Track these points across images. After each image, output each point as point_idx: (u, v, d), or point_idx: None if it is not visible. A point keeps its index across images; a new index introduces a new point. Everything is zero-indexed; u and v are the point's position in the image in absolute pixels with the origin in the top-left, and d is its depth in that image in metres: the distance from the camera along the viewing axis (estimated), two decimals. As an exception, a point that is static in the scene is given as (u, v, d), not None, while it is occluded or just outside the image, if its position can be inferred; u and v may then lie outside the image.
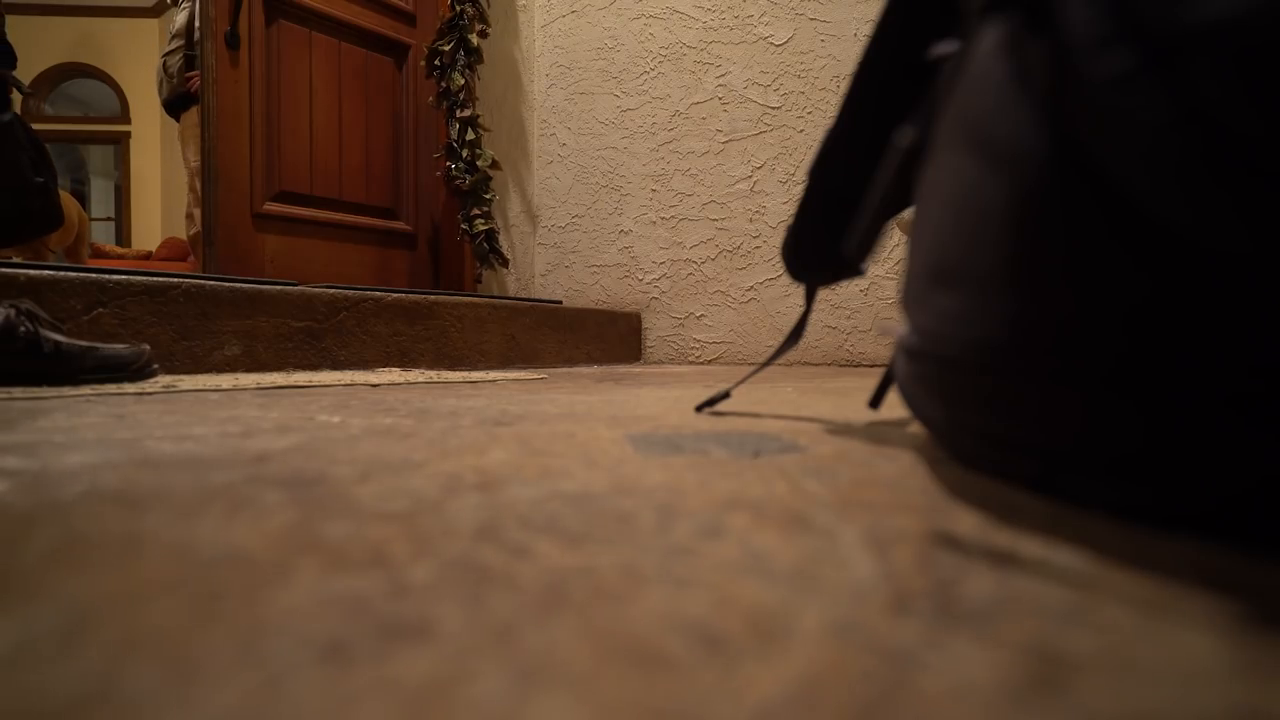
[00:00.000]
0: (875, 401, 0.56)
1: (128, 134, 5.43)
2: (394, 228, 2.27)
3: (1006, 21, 0.27)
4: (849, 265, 0.51)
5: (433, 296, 1.61)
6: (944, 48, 0.35)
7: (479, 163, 2.15)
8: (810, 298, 0.62)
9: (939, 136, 0.34)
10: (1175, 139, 0.20)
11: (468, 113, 2.12)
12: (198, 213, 2.40)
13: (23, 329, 0.86)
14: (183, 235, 3.79)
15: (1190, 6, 0.20)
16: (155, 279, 1.18)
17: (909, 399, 0.42)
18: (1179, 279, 0.23)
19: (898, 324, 0.43)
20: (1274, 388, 0.22)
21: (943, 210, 0.32)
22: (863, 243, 0.45)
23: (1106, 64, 0.22)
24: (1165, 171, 0.21)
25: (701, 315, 2.14)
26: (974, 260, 0.30)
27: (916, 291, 0.37)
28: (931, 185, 0.34)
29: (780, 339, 2.01)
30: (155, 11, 4.96)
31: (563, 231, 2.40)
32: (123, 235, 5.61)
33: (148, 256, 4.21)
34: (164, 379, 1.01)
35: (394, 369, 1.42)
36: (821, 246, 0.55)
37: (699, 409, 0.70)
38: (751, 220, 2.06)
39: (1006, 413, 0.31)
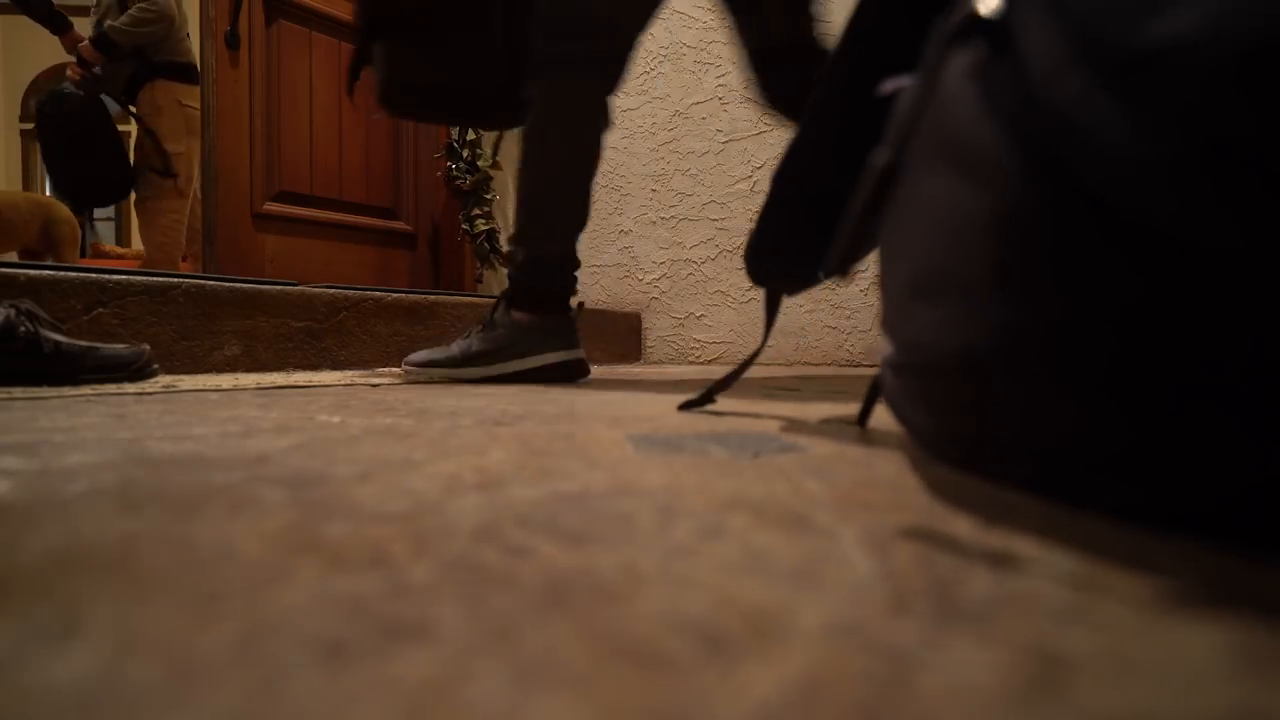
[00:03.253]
0: (862, 419, 0.57)
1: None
2: (394, 228, 2.27)
3: (972, 50, 0.29)
4: (812, 276, 0.52)
5: (433, 296, 1.61)
6: (894, 84, 0.36)
7: (479, 163, 2.15)
8: (773, 304, 0.63)
9: (912, 158, 0.34)
10: (1132, 150, 0.22)
11: (468, 113, 2.12)
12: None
13: (23, 329, 0.86)
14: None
15: (1140, 31, 0.21)
16: (155, 279, 1.18)
17: (898, 414, 0.42)
18: (1169, 279, 0.23)
19: (883, 346, 0.43)
20: (1268, 387, 0.22)
21: (921, 227, 0.33)
22: (844, 261, 0.45)
23: (1066, 85, 0.23)
24: (1124, 178, 0.22)
25: (701, 315, 2.14)
26: (957, 270, 0.30)
27: (897, 310, 0.37)
28: (906, 205, 0.35)
29: (780, 339, 2.01)
30: (155, 11, 4.96)
31: (563, 231, 2.40)
32: (123, 235, 5.61)
33: (147, 256, 4.20)
34: (164, 379, 1.01)
35: (394, 369, 1.41)
36: (782, 254, 0.56)
37: (681, 408, 0.70)
38: (751, 220, 2.05)
39: (997, 418, 0.31)
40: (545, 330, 1.09)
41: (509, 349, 1.09)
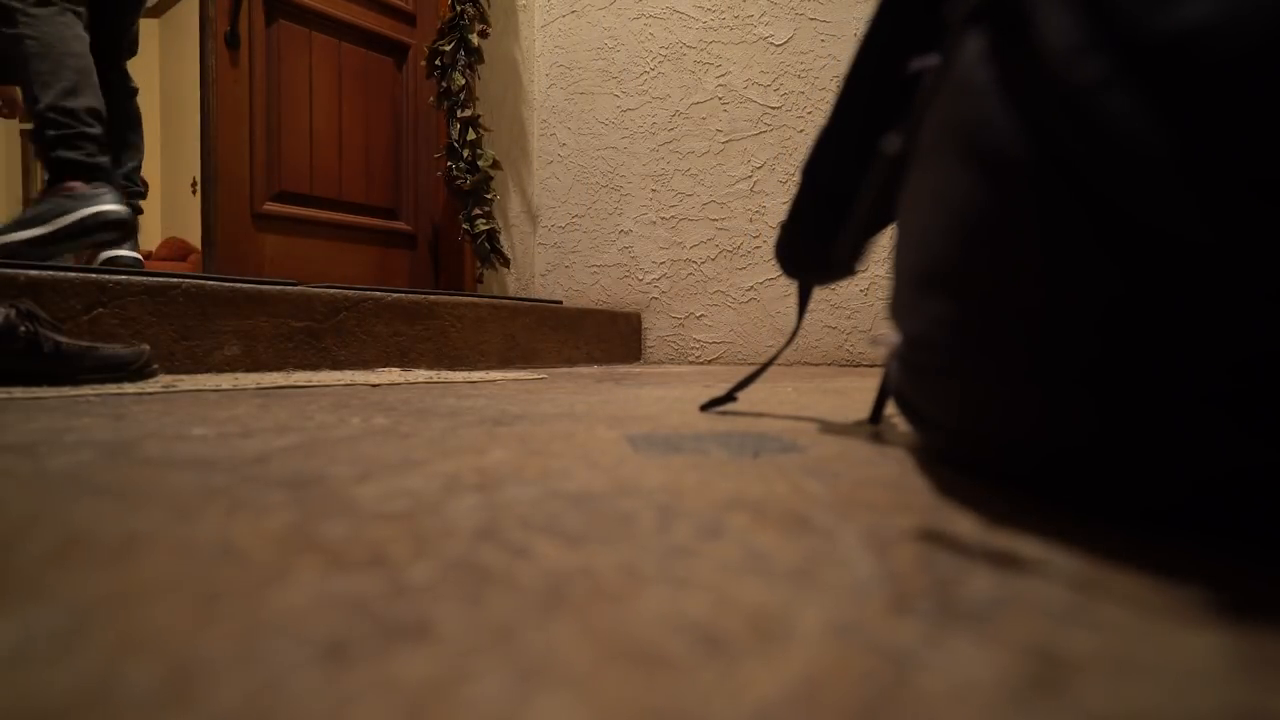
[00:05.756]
0: (875, 417, 0.56)
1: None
2: (394, 228, 2.27)
3: (988, 31, 0.28)
4: (841, 266, 0.51)
5: (432, 296, 1.61)
6: (924, 61, 0.36)
7: (480, 163, 2.14)
8: (805, 296, 0.62)
9: (924, 144, 0.34)
10: (1149, 141, 0.21)
11: (469, 113, 2.12)
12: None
13: (23, 329, 0.86)
14: (182, 235, 3.80)
15: (1160, 16, 0.20)
16: (155, 279, 1.18)
17: (902, 407, 0.42)
18: (1160, 279, 0.23)
19: (889, 334, 0.43)
20: (1252, 384, 0.22)
21: (929, 216, 0.33)
22: (853, 251, 0.45)
23: (1081, 71, 0.22)
24: (1140, 173, 0.21)
25: (701, 315, 2.14)
26: (959, 263, 0.30)
27: (905, 299, 0.37)
28: (917, 192, 0.34)
29: (780, 339, 2.01)
30: (155, 11, 4.95)
31: (563, 231, 2.40)
32: (123, 235, 5.59)
33: (147, 256, 4.20)
34: (164, 379, 1.01)
35: (394, 369, 1.41)
36: (814, 246, 0.55)
37: (704, 408, 0.70)
38: (751, 220, 2.06)
39: (995, 414, 0.31)
40: (80, 195, 1.32)
41: (50, 214, 1.32)
